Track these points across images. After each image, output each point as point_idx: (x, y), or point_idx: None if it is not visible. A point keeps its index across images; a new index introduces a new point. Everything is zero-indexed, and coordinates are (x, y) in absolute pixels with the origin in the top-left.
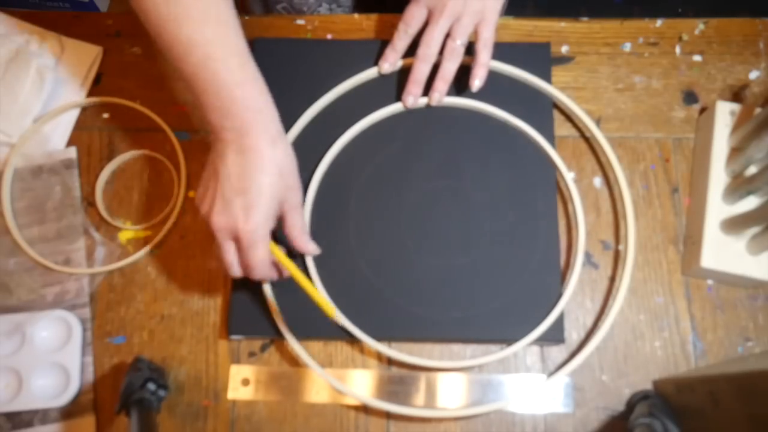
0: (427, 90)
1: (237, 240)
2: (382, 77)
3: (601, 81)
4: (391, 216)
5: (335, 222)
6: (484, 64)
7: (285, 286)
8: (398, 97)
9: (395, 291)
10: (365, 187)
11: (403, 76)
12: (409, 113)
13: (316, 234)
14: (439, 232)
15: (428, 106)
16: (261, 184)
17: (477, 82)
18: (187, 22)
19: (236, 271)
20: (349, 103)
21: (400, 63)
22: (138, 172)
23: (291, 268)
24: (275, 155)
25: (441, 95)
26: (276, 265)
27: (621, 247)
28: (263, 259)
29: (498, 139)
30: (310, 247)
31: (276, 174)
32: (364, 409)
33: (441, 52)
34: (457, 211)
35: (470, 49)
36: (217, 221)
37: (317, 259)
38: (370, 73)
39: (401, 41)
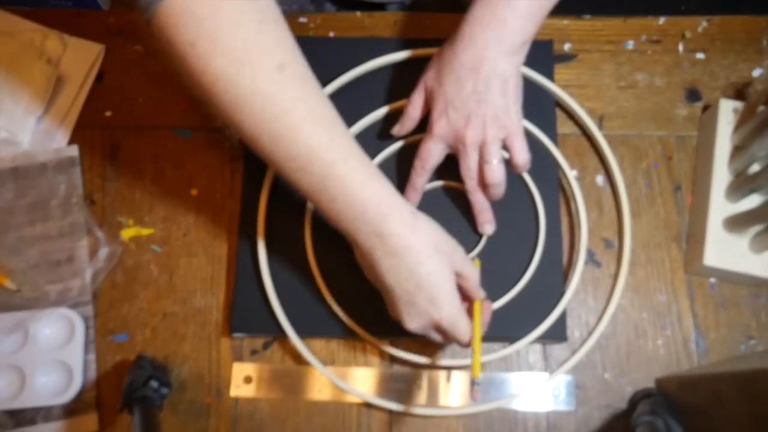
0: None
1: (439, 330)
2: (382, 77)
3: (603, 79)
4: None
5: None
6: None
7: (287, 283)
8: (398, 96)
9: None
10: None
11: (402, 73)
12: None
13: (316, 234)
14: None
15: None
16: (430, 273)
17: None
18: (302, 129)
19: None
20: (349, 102)
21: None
22: (141, 170)
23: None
24: (423, 238)
25: (492, 225)
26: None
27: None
28: (467, 330)
29: None
30: (481, 294)
31: (434, 254)
32: (367, 407)
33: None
34: (459, 209)
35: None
36: (415, 326)
37: (319, 259)
38: (370, 68)
39: (420, 178)
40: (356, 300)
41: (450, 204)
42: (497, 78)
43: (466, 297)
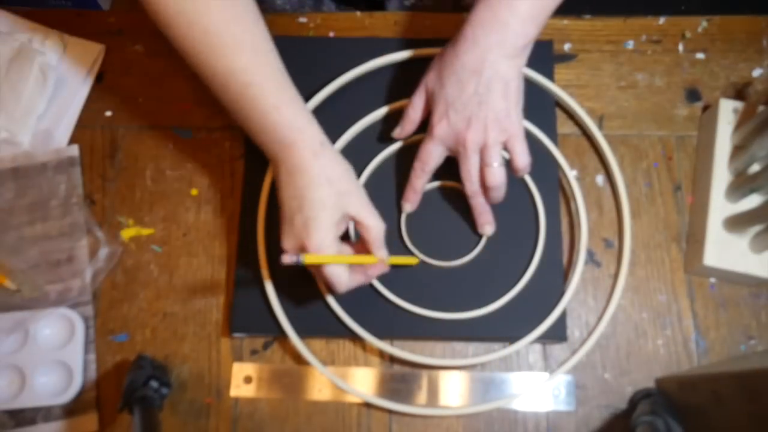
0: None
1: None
2: (382, 78)
3: (603, 79)
4: (392, 214)
5: None
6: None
7: (287, 283)
8: (398, 97)
9: (397, 290)
10: (366, 187)
11: (401, 73)
12: None
13: None
14: (440, 230)
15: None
16: (312, 199)
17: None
18: (223, 53)
19: (326, 288)
20: (348, 102)
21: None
22: (141, 169)
23: (346, 260)
24: (320, 166)
25: (491, 226)
26: (362, 273)
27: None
28: (335, 271)
29: None
30: (380, 253)
31: (324, 184)
32: (367, 407)
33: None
34: (459, 209)
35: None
36: (285, 243)
37: None
38: (370, 68)
39: (419, 180)
40: (356, 300)
41: (450, 204)
42: (499, 81)
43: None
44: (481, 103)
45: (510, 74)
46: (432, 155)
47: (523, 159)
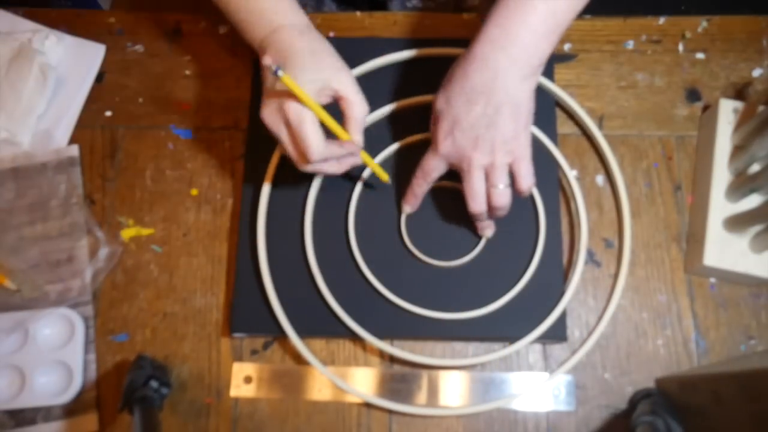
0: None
1: (287, 123)
2: (382, 78)
3: (603, 79)
4: (392, 214)
5: (336, 221)
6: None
7: (287, 283)
8: (399, 96)
9: (397, 290)
10: (366, 187)
11: (402, 73)
12: (410, 112)
13: (317, 233)
14: (440, 230)
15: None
16: (294, 65)
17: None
18: None
19: (298, 157)
20: None
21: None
22: (141, 169)
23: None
24: (307, 41)
25: (491, 229)
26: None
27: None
28: (310, 131)
29: None
30: (357, 136)
31: (308, 55)
32: (367, 407)
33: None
34: (459, 209)
35: None
36: (266, 113)
37: (319, 259)
38: (370, 68)
39: (421, 188)
40: (356, 300)
41: (450, 204)
42: (509, 103)
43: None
44: (490, 126)
45: (521, 96)
46: (435, 169)
47: (527, 181)
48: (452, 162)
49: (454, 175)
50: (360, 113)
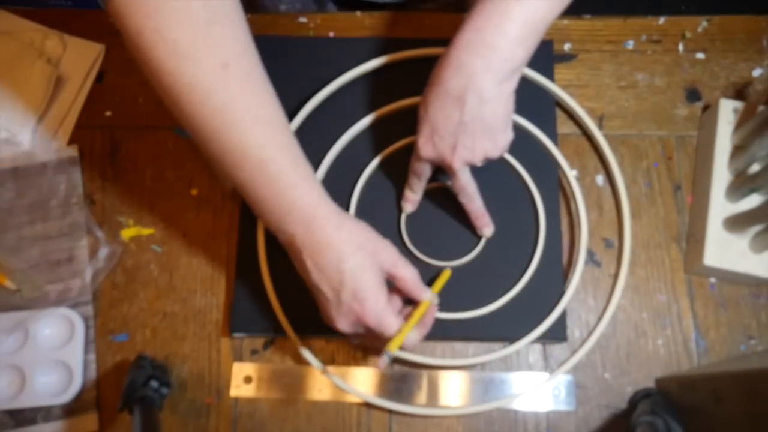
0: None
1: (367, 327)
2: (382, 78)
3: (603, 78)
4: (392, 214)
5: None
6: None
7: (287, 283)
8: (398, 97)
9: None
10: (366, 186)
11: (401, 73)
12: (409, 112)
13: None
14: (440, 230)
15: None
16: (353, 269)
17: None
18: (238, 127)
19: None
20: (348, 102)
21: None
22: (141, 169)
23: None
24: (346, 234)
25: (490, 228)
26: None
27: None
28: (410, 338)
29: None
30: (425, 295)
31: (356, 251)
32: (367, 407)
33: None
34: (459, 209)
35: None
36: (344, 325)
37: None
38: (370, 68)
39: (416, 186)
40: None
41: (450, 204)
42: (485, 107)
43: (410, 301)
44: (467, 132)
45: (498, 100)
46: (423, 170)
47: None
48: (435, 164)
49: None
50: (416, 280)
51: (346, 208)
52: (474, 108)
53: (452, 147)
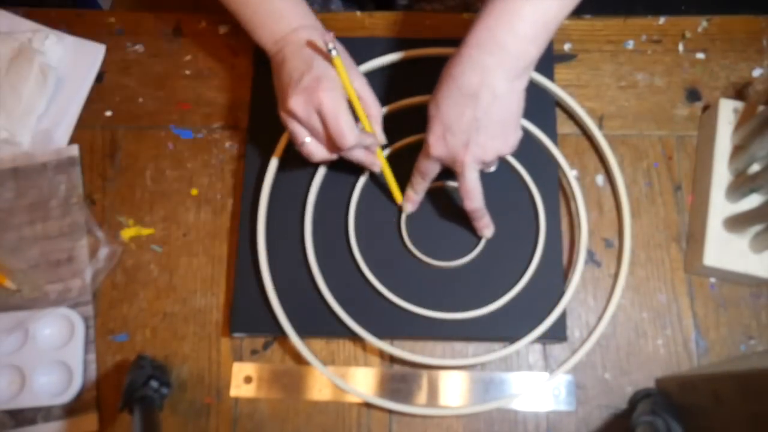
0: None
1: (320, 113)
2: (382, 77)
3: (603, 78)
4: (392, 214)
5: (336, 221)
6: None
7: (287, 283)
8: (399, 96)
9: (397, 290)
10: (366, 186)
11: (401, 73)
12: (410, 112)
13: (317, 233)
14: (440, 230)
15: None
16: (324, 66)
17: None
18: None
19: (329, 144)
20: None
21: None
22: (141, 169)
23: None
24: (321, 42)
25: (490, 229)
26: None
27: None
28: (348, 121)
29: None
30: (381, 136)
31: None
32: (367, 407)
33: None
34: (459, 209)
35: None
36: (293, 102)
37: (319, 259)
38: (370, 68)
39: (419, 186)
40: (356, 300)
41: (450, 204)
42: (498, 105)
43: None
44: (480, 129)
45: (509, 98)
46: (430, 169)
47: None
48: (445, 163)
49: (453, 175)
50: (378, 111)
51: (347, 207)
52: (487, 105)
53: (465, 145)
